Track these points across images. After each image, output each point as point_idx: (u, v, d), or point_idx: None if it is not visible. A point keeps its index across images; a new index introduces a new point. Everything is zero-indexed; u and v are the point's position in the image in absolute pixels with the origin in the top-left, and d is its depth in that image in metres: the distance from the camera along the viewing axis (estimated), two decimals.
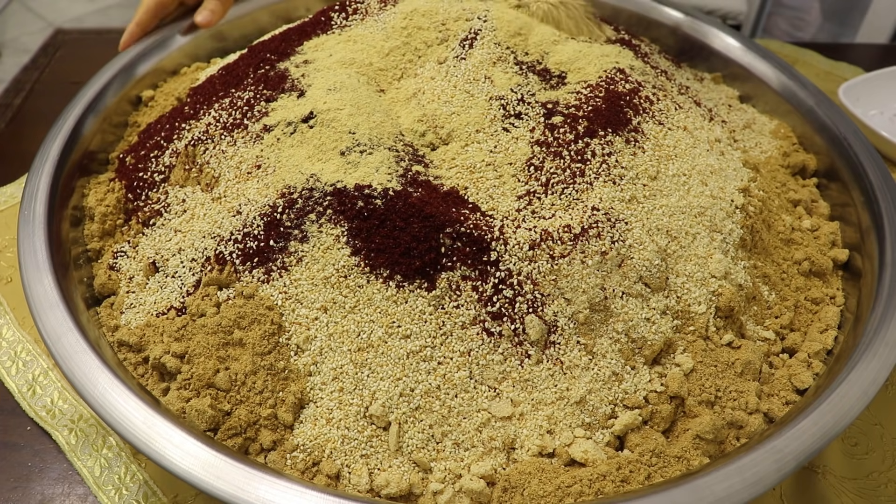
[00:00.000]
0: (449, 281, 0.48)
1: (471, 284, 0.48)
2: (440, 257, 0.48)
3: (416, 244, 0.48)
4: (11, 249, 0.69)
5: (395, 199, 0.49)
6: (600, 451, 0.46)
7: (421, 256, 0.48)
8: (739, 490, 0.40)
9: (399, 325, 0.47)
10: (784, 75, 0.74)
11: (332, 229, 0.49)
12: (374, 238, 0.48)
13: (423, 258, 0.48)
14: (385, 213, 0.49)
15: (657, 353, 0.50)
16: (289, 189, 0.51)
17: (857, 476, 0.53)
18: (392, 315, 0.47)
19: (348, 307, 0.48)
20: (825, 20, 1.45)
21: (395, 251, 0.48)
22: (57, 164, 0.59)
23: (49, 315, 0.48)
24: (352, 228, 0.49)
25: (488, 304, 0.48)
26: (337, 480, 0.45)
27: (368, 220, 0.49)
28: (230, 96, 0.62)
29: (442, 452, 0.46)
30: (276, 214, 0.50)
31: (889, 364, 0.46)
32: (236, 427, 0.46)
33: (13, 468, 0.53)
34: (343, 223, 0.49)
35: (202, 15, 0.76)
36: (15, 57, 2.22)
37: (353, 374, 0.47)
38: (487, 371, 0.47)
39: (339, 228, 0.49)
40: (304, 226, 0.50)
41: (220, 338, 0.48)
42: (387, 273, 0.48)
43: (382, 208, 0.49)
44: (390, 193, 0.50)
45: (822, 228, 0.63)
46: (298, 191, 0.51)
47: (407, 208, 0.49)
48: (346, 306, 0.48)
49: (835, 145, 0.67)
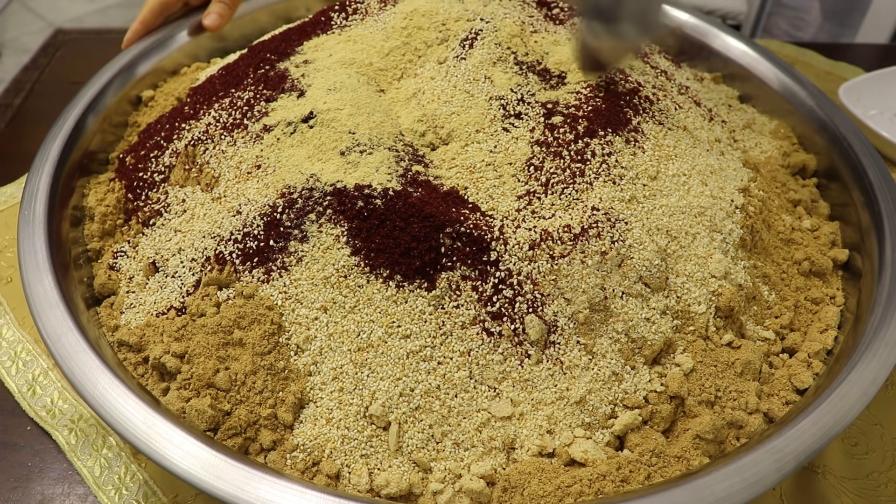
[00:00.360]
0: (449, 281, 0.48)
1: (470, 284, 0.48)
2: (440, 257, 0.48)
3: (415, 244, 0.48)
4: (11, 249, 0.69)
5: (395, 199, 0.49)
6: (600, 451, 0.46)
7: (421, 256, 0.48)
8: (739, 490, 0.40)
9: (399, 325, 0.47)
10: (784, 75, 0.74)
11: (332, 229, 0.49)
12: (374, 238, 0.48)
13: (423, 258, 0.48)
14: (385, 213, 0.49)
15: (657, 353, 0.50)
16: (289, 189, 0.51)
17: (857, 476, 0.53)
18: (392, 315, 0.47)
19: (348, 307, 0.48)
20: (825, 20, 1.45)
21: (395, 251, 0.48)
22: (57, 164, 0.59)
23: (49, 315, 0.48)
24: (351, 228, 0.49)
25: (488, 304, 0.48)
26: (337, 480, 0.45)
27: (368, 220, 0.49)
28: (230, 96, 0.62)
29: (442, 452, 0.46)
30: (275, 214, 0.51)
31: (889, 364, 0.46)
32: (236, 427, 0.46)
33: (13, 468, 0.53)
34: (343, 223, 0.49)
35: (210, 18, 0.76)
36: (15, 57, 2.22)
37: (353, 374, 0.47)
38: (487, 371, 0.47)
39: (339, 228, 0.49)
40: (303, 226, 0.50)
41: (220, 338, 0.48)
42: (387, 273, 0.48)
43: (382, 208, 0.49)
44: (390, 193, 0.50)
45: (822, 228, 0.63)
46: (298, 191, 0.51)
47: (407, 208, 0.49)
48: (345, 306, 0.48)
49: (835, 145, 0.67)
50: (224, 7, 0.77)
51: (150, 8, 0.75)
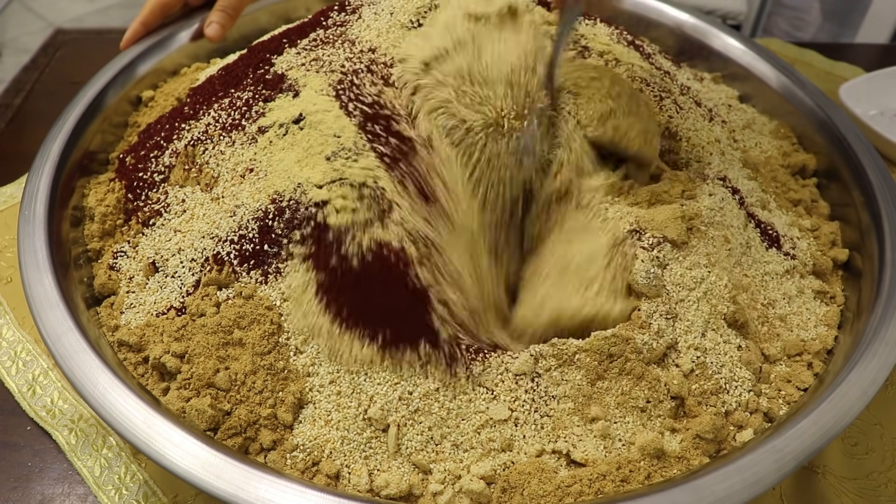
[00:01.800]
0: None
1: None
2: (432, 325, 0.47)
3: (398, 315, 0.47)
4: (11, 249, 0.69)
5: (376, 258, 0.48)
6: (600, 451, 0.46)
7: (404, 324, 0.47)
8: (739, 490, 0.40)
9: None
10: (784, 75, 0.74)
11: (307, 273, 0.48)
12: (348, 300, 0.47)
13: (409, 327, 0.47)
14: (361, 275, 0.47)
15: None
16: (279, 196, 0.51)
17: (857, 476, 0.53)
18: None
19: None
20: (825, 20, 1.45)
21: (373, 315, 0.47)
22: (57, 164, 0.59)
23: (49, 315, 0.48)
24: (323, 283, 0.48)
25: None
26: (336, 480, 0.45)
27: (343, 277, 0.47)
28: (229, 96, 0.62)
29: (441, 454, 0.45)
30: (267, 220, 0.50)
31: (889, 364, 0.46)
32: (236, 427, 0.46)
33: (13, 468, 0.53)
34: (318, 273, 0.48)
35: (211, 28, 0.76)
36: (15, 57, 2.22)
37: (350, 380, 0.47)
38: (486, 374, 0.47)
39: (313, 274, 0.48)
40: (291, 242, 0.49)
41: (220, 338, 0.48)
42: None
43: (358, 270, 0.47)
44: (371, 249, 0.48)
45: (822, 228, 0.63)
46: (286, 200, 0.50)
47: (386, 274, 0.47)
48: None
49: (835, 145, 0.67)
50: (225, 16, 0.77)
51: (150, 9, 0.75)
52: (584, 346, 0.47)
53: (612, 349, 0.47)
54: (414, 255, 0.48)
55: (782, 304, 0.55)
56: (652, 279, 0.49)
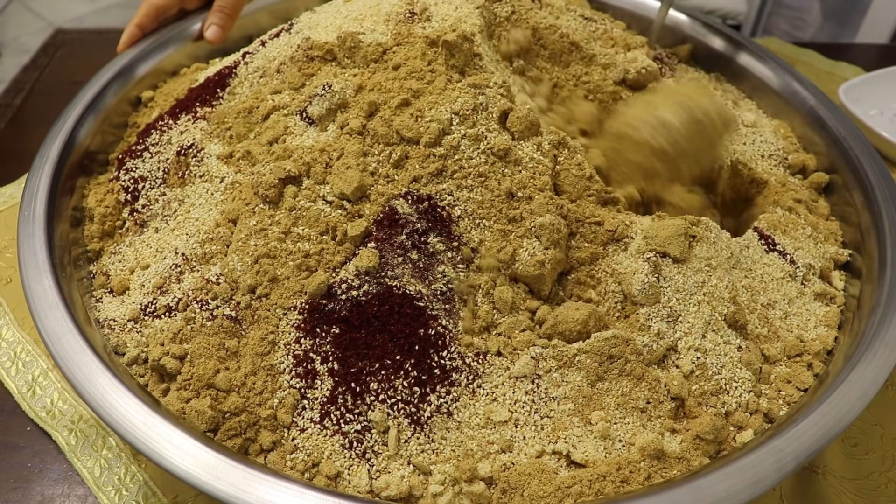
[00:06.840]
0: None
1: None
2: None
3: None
4: (11, 249, 0.69)
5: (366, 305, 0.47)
6: (600, 452, 0.45)
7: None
8: (739, 490, 0.40)
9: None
10: (784, 75, 0.74)
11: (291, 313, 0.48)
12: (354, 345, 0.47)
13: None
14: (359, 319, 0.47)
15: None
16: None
17: (857, 476, 0.53)
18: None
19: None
20: (825, 20, 1.45)
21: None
22: (57, 165, 0.59)
23: (49, 315, 0.48)
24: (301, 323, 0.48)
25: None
26: (336, 482, 0.45)
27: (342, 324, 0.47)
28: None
29: (441, 455, 0.45)
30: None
31: (889, 364, 0.46)
32: (236, 428, 0.46)
33: (13, 469, 0.53)
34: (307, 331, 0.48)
35: (211, 31, 0.75)
36: (15, 57, 2.22)
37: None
38: (486, 377, 0.47)
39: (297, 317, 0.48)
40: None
41: (220, 338, 0.48)
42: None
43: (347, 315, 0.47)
44: (357, 299, 0.47)
45: (822, 228, 0.63)
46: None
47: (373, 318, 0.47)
48: None
49: (835, 145, 0.67)
50: (224, 16, 0.76)
51: (145, 11, 0.75)
52: (584, 347, 0.47)
53: (612, 350, 0.47)
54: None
55: (782, 305, 0.55)
56: (648, 289, 0.49)
